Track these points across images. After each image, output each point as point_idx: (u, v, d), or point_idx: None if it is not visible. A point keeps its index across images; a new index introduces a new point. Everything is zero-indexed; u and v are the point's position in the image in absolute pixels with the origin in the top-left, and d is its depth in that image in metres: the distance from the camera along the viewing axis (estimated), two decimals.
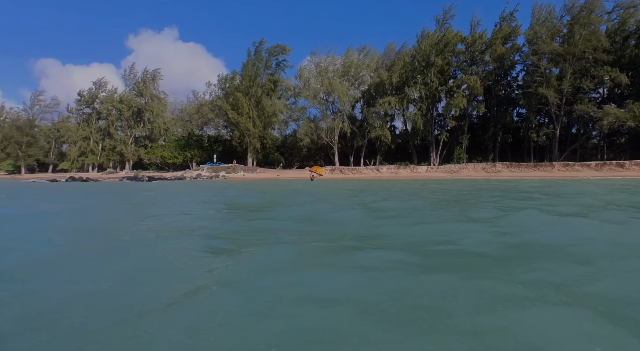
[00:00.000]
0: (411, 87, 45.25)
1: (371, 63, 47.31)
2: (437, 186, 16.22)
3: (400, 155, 55.35)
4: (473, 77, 41.20)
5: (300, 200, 8.66)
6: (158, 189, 15.64)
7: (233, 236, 3.58)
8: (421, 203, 7.60)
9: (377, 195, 10.15)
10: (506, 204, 7.09)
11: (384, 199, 8.76)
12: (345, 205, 7.27)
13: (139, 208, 7.77)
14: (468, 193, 10.72)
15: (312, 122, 48.90)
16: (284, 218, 5.13)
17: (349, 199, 8.97)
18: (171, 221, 5.07)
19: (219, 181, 28.37)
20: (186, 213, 6.25)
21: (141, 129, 58.26)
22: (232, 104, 46.06)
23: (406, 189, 13.14)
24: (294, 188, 15.46)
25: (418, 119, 44.71)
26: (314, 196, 10.03)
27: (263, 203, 8.42)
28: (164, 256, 2.73)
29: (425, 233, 3.77)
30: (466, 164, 40.90)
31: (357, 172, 42.96)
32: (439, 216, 5.37)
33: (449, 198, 9.06)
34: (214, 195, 11.56)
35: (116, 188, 17.19)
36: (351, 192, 12.07)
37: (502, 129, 48.21)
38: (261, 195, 11.17)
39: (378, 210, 6.24)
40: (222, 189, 15.12)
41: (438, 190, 12.62)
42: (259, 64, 47.36)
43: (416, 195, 10.09)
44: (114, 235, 3.82)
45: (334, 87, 44.62)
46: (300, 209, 6.57)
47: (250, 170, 44.00)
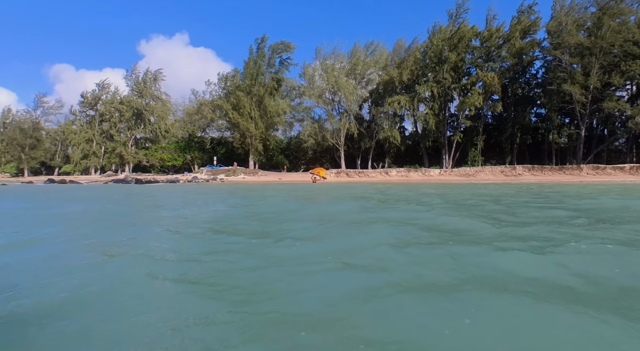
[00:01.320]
0: (422, 85, 42.48)
1: (379, 60, 44.70)
2: (480, 190, 13.54)
3: (410, 157, 52.46)
4: (490, 74, 38.28)
5: (294, 219, 6.11)
6: (132, 194, 13.33)
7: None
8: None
9: (425, 206, 7.58)
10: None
11: (442, 214, 6.13)
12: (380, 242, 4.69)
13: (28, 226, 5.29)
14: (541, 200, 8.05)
15: (316, 123, 46.39)
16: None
17: (369, 215, 6.40)
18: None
19: (214, 185, 26.04)
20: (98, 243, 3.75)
21: (142, 131, 56.64)
22: (233, 104, 43.85)
23: (449, 197, 10.51)
24: (294, 194, 12.94)
25: (430, 119, 41.88)
26: (317, 210, 7.49)
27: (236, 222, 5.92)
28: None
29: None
30: (483, 167, 37.90)
31: (365, 176, 40.27)
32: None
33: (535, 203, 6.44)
34: (188, 204, 9.12)
35: (84, 192, 14.96)
36: (373, 201, 9.47)
37: (520, 130, 45.08)
38: (245, 205, 8.69)
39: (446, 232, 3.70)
40: (207, 194, 12.70)
41: (494, 196, 9.98)
42: (261, 62, 45.07)
43: (499, 203, 7.47)
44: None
45: (340, 86, 42.13)
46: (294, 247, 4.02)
47: (251, 173, 41.67)
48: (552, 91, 39.23)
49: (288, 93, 49.90)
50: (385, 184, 25.36)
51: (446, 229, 4.36)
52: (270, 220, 5.33)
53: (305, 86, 44.79)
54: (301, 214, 6.17)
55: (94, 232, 4.41)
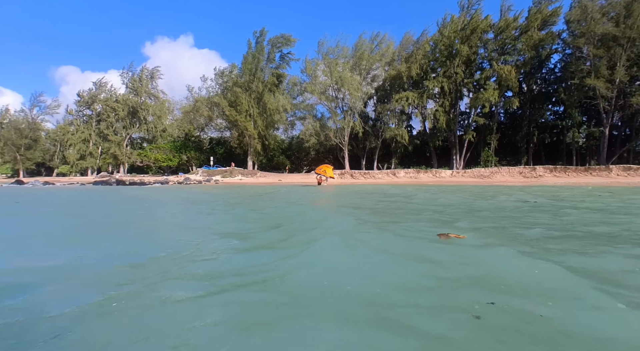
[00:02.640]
0: (432, 81, 39.72)
1: (386, 53, 41.94)
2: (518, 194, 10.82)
3: (417, 158, 49.65)
4: (507, 67, 35.45)
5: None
6: (94, 199, 10.82)
7: None
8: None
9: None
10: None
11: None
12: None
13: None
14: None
15: (318, 121, 43.70)
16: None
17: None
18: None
19: (204, 188, 23.56)
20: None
21: (137, 130, 54.44)
22: (230, 101, 41.36)
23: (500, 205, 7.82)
24: (288, 200, 10.31)
25: (440, 117, 39.09)
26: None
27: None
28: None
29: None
30: (499, 168, 35.02)
31: (371, 177, 37.57)
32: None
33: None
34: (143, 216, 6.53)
35: (40, 195, 12.46)
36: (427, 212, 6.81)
37: (537, 128, 42.14)
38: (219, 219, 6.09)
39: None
40: (187, 201, 10.12)
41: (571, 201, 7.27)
42: (260, 56, 42.47)
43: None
44: None
45: (344, 81, 39.46)
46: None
47: (249, 174, 39.14)
48: (573, 86, 36.37)
49: (290, 91, 47.33)
50: (397, 186, 22.65)
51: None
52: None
53: (307, 82, 42.18)
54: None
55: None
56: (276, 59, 44.60)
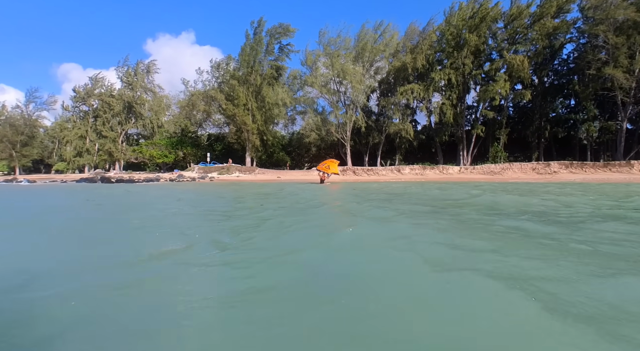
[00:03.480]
0: (438, 73, 37.77)
1: (390, 43, 39.90)
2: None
3: (421, 154, 47.78)
4: (519, 57, 33.46)
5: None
6: (48, 201, 9.22)
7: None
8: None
9: None
10: None
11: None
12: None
13: None
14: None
15: (319, 115, 41.82)
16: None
17: None
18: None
19: (197, 185, 21.95)
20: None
21: (132, 126, 52.81)
22: (226, 94, 39.56)
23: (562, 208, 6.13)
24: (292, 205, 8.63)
25: (447, 110, 37.17)
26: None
27: None
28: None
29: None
30: (510, 164, 33.17)
31: (374, 174, 35.83)
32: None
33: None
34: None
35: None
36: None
37: (549, 122, 40.16)
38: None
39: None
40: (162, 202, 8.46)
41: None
42: (259, 48, 40.54)
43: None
44: None
45: (346, 73, 37.55)
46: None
47: (247, 171, 37.48)
48: (588, 77, 34.34)
49: (290, 85, 45.40)
50: (404, 183, 20.94)
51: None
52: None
53: (308, 74, 40.27)
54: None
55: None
56: (275, 51, 42.75)
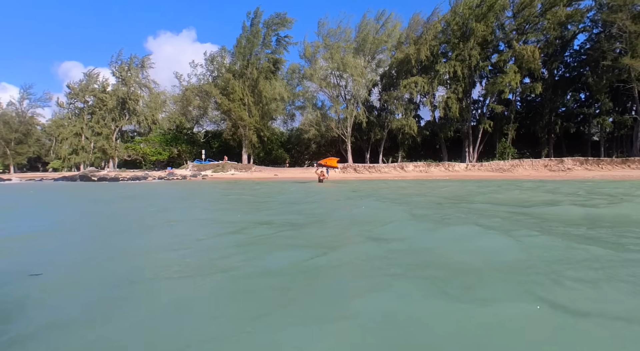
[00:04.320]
0: (443, 65, 35.94)
1: (392, 34, 38.00)
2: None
3: (425, 151, 45.95)
4: (530, 47, 31.59)
5: None
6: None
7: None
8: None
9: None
10: None
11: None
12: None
13: None
14: None
15: (319, 110, 40.01)
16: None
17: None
18: None
19: (188, 183, 20.33)
20: None
21: (127, 122, 51.17)
22: (222, 89, 37.81)
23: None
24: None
25: (453, 104, 35.35)
26: None
27: None
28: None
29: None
30: (520, 161, 31.40)
31: (376, 171, 34.13)
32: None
33: None
34: None
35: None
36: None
37: (559, 117, 38.34)
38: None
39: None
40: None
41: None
42: (255, 40, 38.70)
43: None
44: None
45: (346, 66, 35.71)
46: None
47: (243, 168, 35.82)
48: (603, 69, 32.50)
49: (289, 79, 43.50)
50: (409, 181, 19.27)
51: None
52: None
53: (306, 66, 38.42)
54: None
55: None
56: (272, 43, 40.87)
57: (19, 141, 69.88)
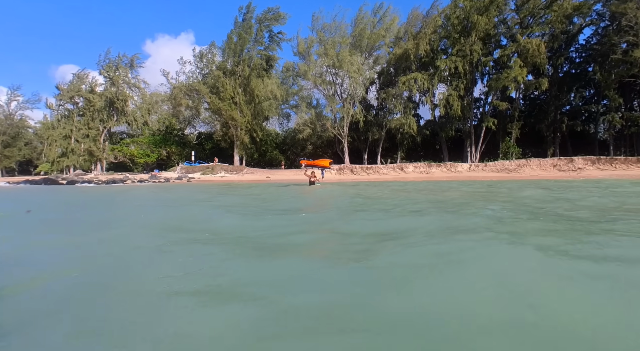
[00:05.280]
0: (443, 61, 34.27)
1: (391, 27, 36.31)
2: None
3: (425, 151, 44.16)
4: (535, 40, 29.94)
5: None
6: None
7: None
8: None
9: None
10: None
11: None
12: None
13: None
14: None
15: (313, 109, 38.22)
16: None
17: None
18: None
19: (167, 186, 18.50)
20: None
21: (115, 123, 49.25)
22: (211, 86, 36.00)
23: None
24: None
25: (454, 102, 33.64)
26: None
27: None
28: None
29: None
30: (527, 160, 29.67)
31: (374, 173, 32.33)
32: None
33: None
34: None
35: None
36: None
37: (564, 115, 36.68)
38: None
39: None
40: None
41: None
42: (247, 36, 36.93)
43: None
44: None
45: (342, 62, 33.96)
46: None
47: (234, 170, 33.95)
48: (611, 64, 30.89)
49: (284, 78, 41.70)
50: (415, 183, 17.47)
51: None
52: None
53: (300, 63, 36.64)
54: None
55: None
56: (265, 40, 39.11)
57: (7, 144, 68.00)
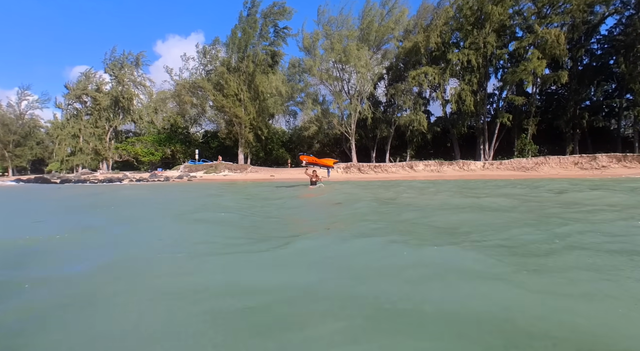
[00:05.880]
0: (455, 54, 32.70)
1: (400, 19, 34.87)
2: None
3: (435, 149, 42.58)
4: (554, 30, 28.19)
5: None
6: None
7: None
8: None
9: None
10: None
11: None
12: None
13: None
14: None
15: (319, 105, 37.04)
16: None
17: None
18: None
19: (161, 186, 17.68)
20: None
21: (121, 122, 49.07)
22: (215, 83, 35.20)
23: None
24: None
25: (467, 97, 32.09)
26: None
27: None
28: None
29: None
30: (545, 158, 27.98)
31: (382, 171, 31.05)
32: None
33: None
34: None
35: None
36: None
37: (586, 110, 34.74)
38: None
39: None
40: None
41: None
42: (252, 31, 35.98)
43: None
44: None
45: (349, 56, 32.69)
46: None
47: (238, 169, 33.09)
48: (637, 55, 28.98)
49: (290, 75, 40.60)
50: (429, 182, 16.23)
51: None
52: None
53: (306, 58, 35.49)
54: None
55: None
56: (270, 35, 38.08)
57: (18, 143, 68.70)
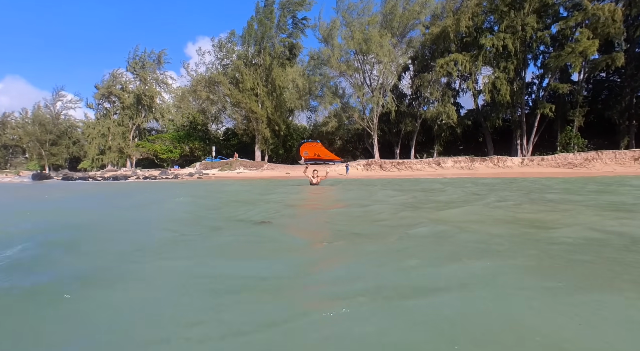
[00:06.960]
0: (489, 39, 29.51)
1: (427, 2, 32.03)
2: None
3: (465, 145, 39.31)
4: (608, 6, 24.47)
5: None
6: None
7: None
8: None
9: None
10: None
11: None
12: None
13: None
14: None
15: (339, 98, 35.01)
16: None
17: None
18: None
19: (167, 184, 16.60)
20: None
21: (144, 120, 49.68)
22: (230, 78, 34.18)
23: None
24: None
25: (502, 86, 28.88)
26: None
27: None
28: None
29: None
30: (597, 153, 24.45)
31: (406, 168, 28.64)
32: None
33: None
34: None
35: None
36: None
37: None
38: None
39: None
40: None
41: None
42: (269, 22, 34.61)
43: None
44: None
45: (371, 44, 30.37)
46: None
47: (253, 166, 31.90)
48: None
49: (310, 69, 38.86)
50: (466, 180, 14.01)
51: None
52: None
53: (324, 48, 33.55)
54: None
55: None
56: (288, 26, 36.52)
57: (54, 142, 71.84)
